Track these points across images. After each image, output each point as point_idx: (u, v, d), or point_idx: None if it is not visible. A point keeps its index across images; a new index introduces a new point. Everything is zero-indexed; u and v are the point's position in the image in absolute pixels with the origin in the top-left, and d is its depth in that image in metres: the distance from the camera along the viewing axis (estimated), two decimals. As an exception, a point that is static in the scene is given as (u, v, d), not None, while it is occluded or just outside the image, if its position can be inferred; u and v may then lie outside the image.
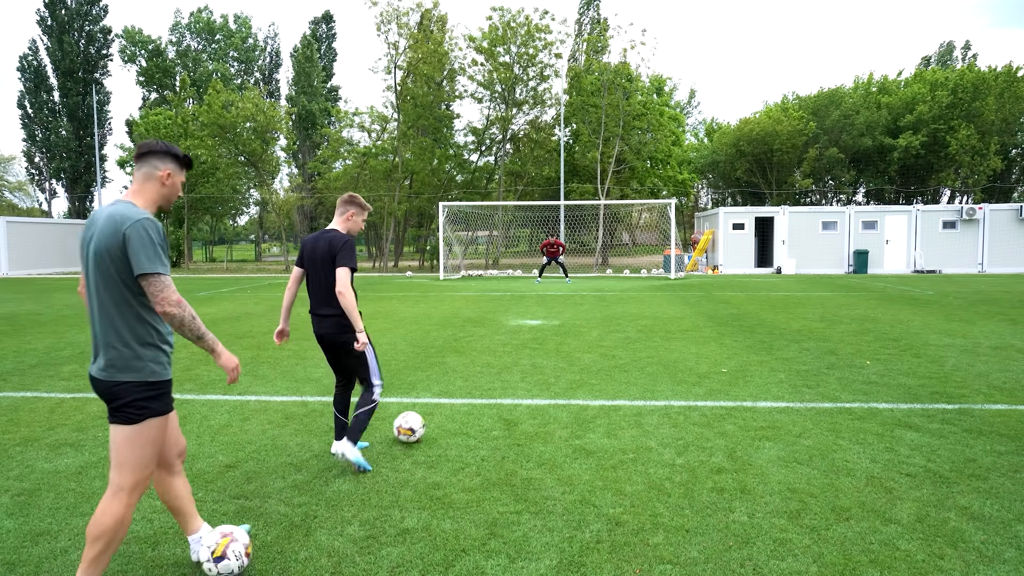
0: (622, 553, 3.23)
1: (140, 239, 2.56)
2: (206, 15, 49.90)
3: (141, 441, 2.68)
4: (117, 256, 2.58)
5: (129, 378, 2.65)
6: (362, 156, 34.49)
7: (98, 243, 2.60)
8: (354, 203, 4.49)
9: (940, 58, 52.74)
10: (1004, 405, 5.82)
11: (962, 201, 40.23)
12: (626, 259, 36.05)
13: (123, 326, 2.64)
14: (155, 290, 2.58)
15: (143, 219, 2.59)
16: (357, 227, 4.51)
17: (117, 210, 2.61)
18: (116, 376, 2.65)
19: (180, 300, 2.64)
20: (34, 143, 46.66)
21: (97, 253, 2.61)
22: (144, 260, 2.56)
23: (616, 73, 30.58)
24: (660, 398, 6.17)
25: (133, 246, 2.55)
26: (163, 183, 2.76)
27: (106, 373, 2.66)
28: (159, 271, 2.59)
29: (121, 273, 2.60)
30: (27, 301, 16.74)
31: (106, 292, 2.63)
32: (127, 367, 2.64)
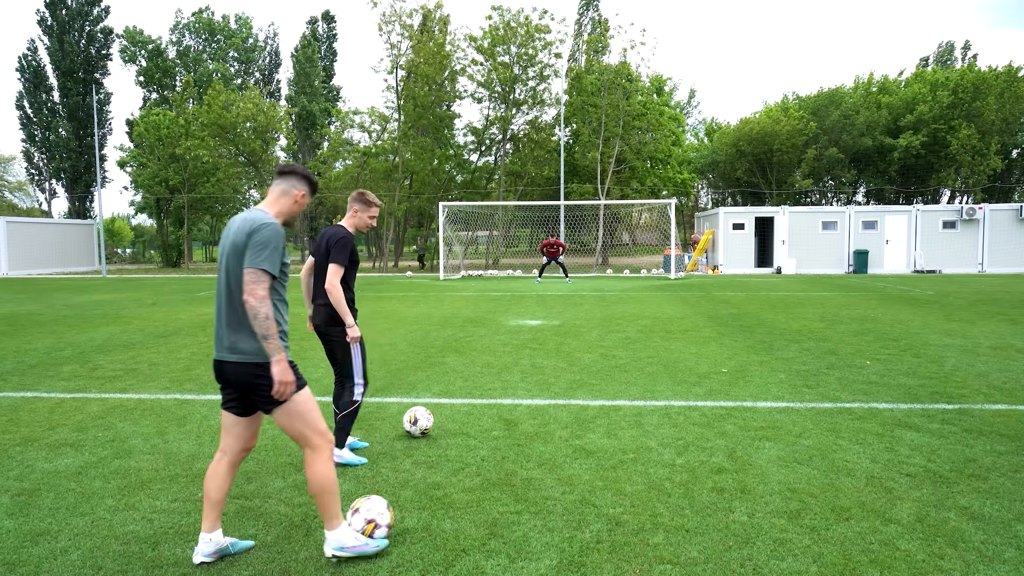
0: (622, 553, 3.23)
1: (261, 239, 2.91)
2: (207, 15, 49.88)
3: (298, 411, 3.02)
4: (241, 253, 2.93)
5: (254, 359, 2.95)
6: (362, 156, 34.49)
7: (234, 241, 2.97)
8: (359, 200, 4.53)
9: (939, 58, 52.73)
10: (1004, 405, 5.82)
11: (962, 201, 40.23)
12: (626, 259, 36.05)
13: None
14: (250, 279, 2.87)
15: (270, 223, 2.97)
16: (364, 224, 4.54)
17: (252, 215, 3.01)
18: (247, 359, 2.96)
19: (265, 298, 2.89)
20: (33, 143, 46.66)
21: (234, 249, 2.96)
22: (254, 255, 2.89)
23: (616, 73, 30.58)
24: (660, 398, 6.17)
25: (253, 243, 2.91)
26: (295, 201, 3.16)
27: (238, 356, 2.97)
28: (264, 267, 2.89)
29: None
30: (27, 301, 16.74)
31: (237, 283, 2.96)
32: (257, 351, 2.95)
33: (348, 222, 4.52)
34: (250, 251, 2.90)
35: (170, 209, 38.57)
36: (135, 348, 9.23)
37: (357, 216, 4.52)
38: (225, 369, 3.03)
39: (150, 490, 4.05)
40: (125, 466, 4.46)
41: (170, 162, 35.66)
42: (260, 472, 4.34)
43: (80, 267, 34.92)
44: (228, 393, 3.14)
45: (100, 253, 33.11)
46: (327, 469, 3.08)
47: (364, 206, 4.52)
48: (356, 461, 4.46)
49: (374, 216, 4.58)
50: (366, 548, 3.16)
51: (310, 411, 3.07)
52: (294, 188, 3.15)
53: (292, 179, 3.16)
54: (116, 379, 7.20)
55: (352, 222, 4.52)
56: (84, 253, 35.51)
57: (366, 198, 4.52)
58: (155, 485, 4.13)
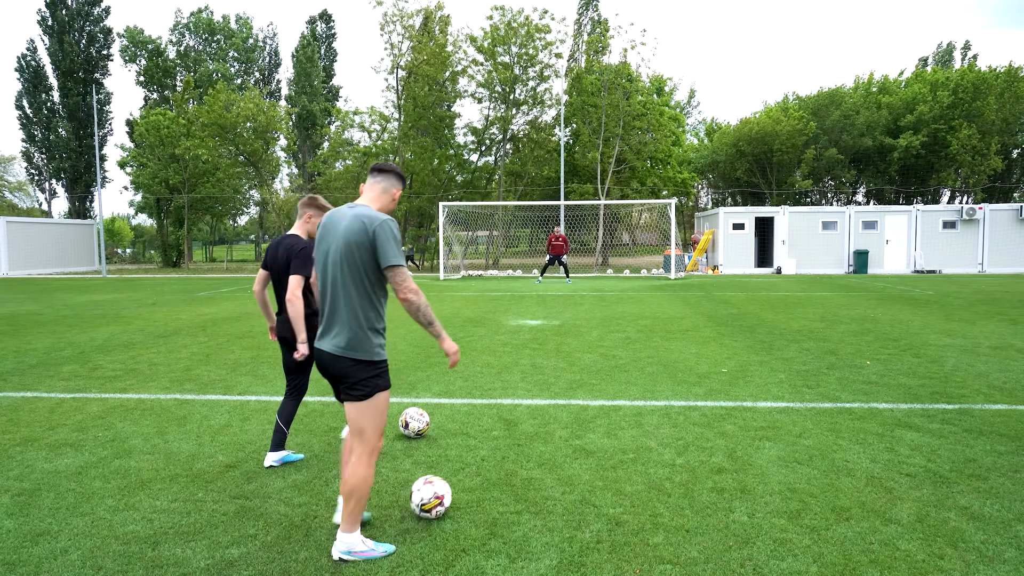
0: (622, 553, 3.23)
1: (387, 236, 3.05)
2: (206, 15, 49.89)
3: (372, 412, 3.16)
4: (365, 249, 3.05)
5: (360, 356, 3.10)
6: (362, 156, 34.49)
7: (347, 238, 3.07)
8: (312, 205, 4.40)
9: (939, 58, 52.73)
10: (1004, 405, 5.82)
11: (962, 201, 40.22)
12: (626, 259, 36.05)
13: (360, 311, 3.10)
14: (399, 279, 3.05)
15: (388, 220, 3.10)
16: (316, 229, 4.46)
17: (363, 212, 3.11)
18: (349, 354, 3.10)
19: (418, 289, 3.08)
20: (33, 143, 46.65)
21: (347, 245, 3.07)
22: (390, 254, 3.04)
23: (616, 73, 30.57)
24: (660, 398, 6.17)
25: (381, 242, 3.03)
26: (393, 199, 3.29)
27: (341, 350, 3.11)
28: (402, 263, 3.07)
29: (366, 265, 3.07)
30: (27, 301, 16.74)
31: (351, 279, 3.09)
32: (359, 347, 3.10)
33: (301, 228, 4.39)
34: (383, 251, 3.04)
35: (170, 209, 38.57)
36: (135, 348, 9.23)
37: (311, 222, 4.39)
38: (323, 359, 3.18)
39: (150, 490, 4.05)
40: (125, 466, 4.46)
41: (170, 162, 35.67)
42: (260, 472, 4.34)
43: (80, 267, 34.93)
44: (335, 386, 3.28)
45: (100, 253, 33.11)
46: (368, 475, 3.18)
47: (317, 211, 4.37)
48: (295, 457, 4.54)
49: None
50: (372, 553, 3.20)
51: (381, 413, 3.21)
52: (393, 187, 3.28)
53: (392, 178, 3.27)
54: (116, 379, 7.20)
55: (305, 228, 4.39)
56: (84, 253, 35.50)
57: (319, 203, 4.37)
58: (155, 485, 4.13)
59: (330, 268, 3.14)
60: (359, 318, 3.10)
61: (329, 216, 3.20)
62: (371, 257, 3.06)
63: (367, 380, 3.12)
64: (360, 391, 3.12)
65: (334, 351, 3.12)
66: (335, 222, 3.16)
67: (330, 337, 3.15)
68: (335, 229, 3.14)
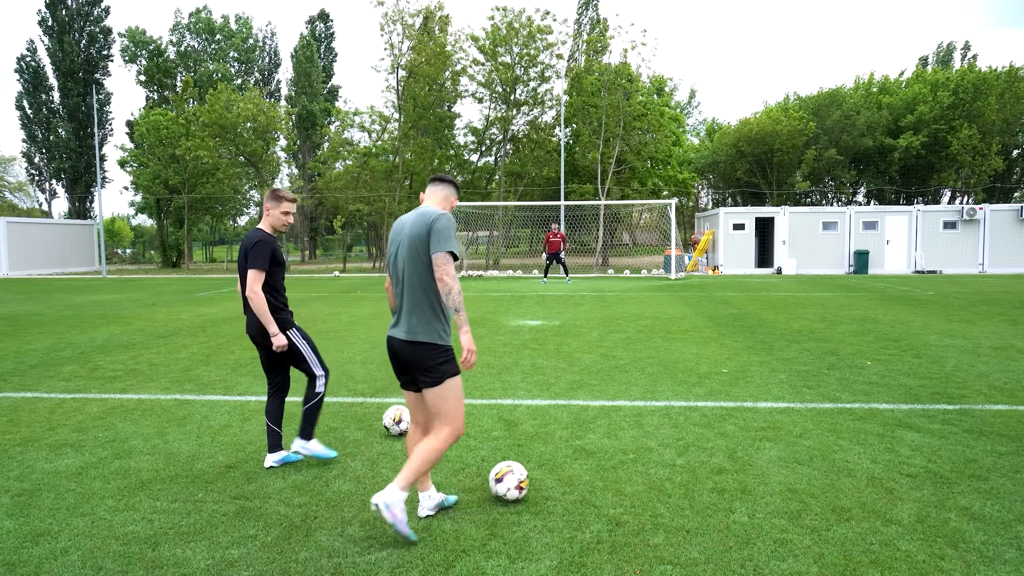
0: (622, 554, 3.22)
1: (441, 227, 3.33)
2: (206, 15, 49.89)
3: (446, 395, 3.38)
4: (424, 241, 3.33)
5: (426, 339, 3.34)
6: (363, 156, 34.50)
7: (411, 233, 3.38)
8: (269, 197, 4.32)
9: (940, 58, 52.73)
10: (1005, 406, 5.81)
11: (963, 201, 40.22)
12: (626, 259, 36.05)
13: (424, 297, 3.36)
14: (441, 262, 3.29)
15: (444, 214, 3.41)
16: (280, 222, 4.33)
17: (425, 210, 3.43)
18: (416, 336, 3.36)
19: (455, 275, 3.30)
20: (34, 143, 46.67)
21: (411, 240, 3.37)
22: (438, 241, 3.30)
23: (616, 73, 30.58)
24: (660, 399, 6.17)
25: (435, 230, 3.32)
26: (452, 205, 3.62)
27: (409, 335, 3.37)
28: (450, 250, 3.31)
29: (426, 255, 3.34)
30: (27, 301, 16.75)
31: (415, 270, 3.37)
32: (425, 330, 3.36)
33: (265, 223, 4.34)
34: (434, 238, 3.31)
35: (170, 209, 38.57)
36: (135, 348, 9.23)
37: (271, 214, 4.31)
38: (396, 347, 3.43)
39: (150, 490, 4.05)
40: (125, 466, 4.46)
41: (170, 162, 35.67)
42: (260, 472, 4.34)
43: (80, 267, 34.93)
44: (403, 374, 3.53)
45: (100, 253, 33.12)
46: (442, 449, 3.39)
47: (276, 202, 4.29)
48: (326, 454, 4.45)
49: (288, 212, 4.33)
50: (402, 526, 3.30)
51: (457, 397, 3.44)
52: (452, 195, 3.64)
53: (451, 187, 3.64)
54: (116, 379, 7.20)
55: (268, 222, 4.33)
56: (84, 253, 35.51)
57: (277, 194, 4.31)
58: (155, 486, 4.12)
59: (399, 263, 3.44)
60: (423, 304, 3.37)
61: (399, 220, 3.54)
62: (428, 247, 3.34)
63: (437, 366, 3.35)
64: (431, 376, 3.36)
65: (405, 337, 3.39)
66: (403, 224, 3.49)
67: (401, 326, 3.43)
68: (403, 229, 3.46)
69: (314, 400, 4.42)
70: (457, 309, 3.28)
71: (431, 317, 3.37)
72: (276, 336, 4.17)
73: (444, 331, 3.41)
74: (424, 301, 3.37)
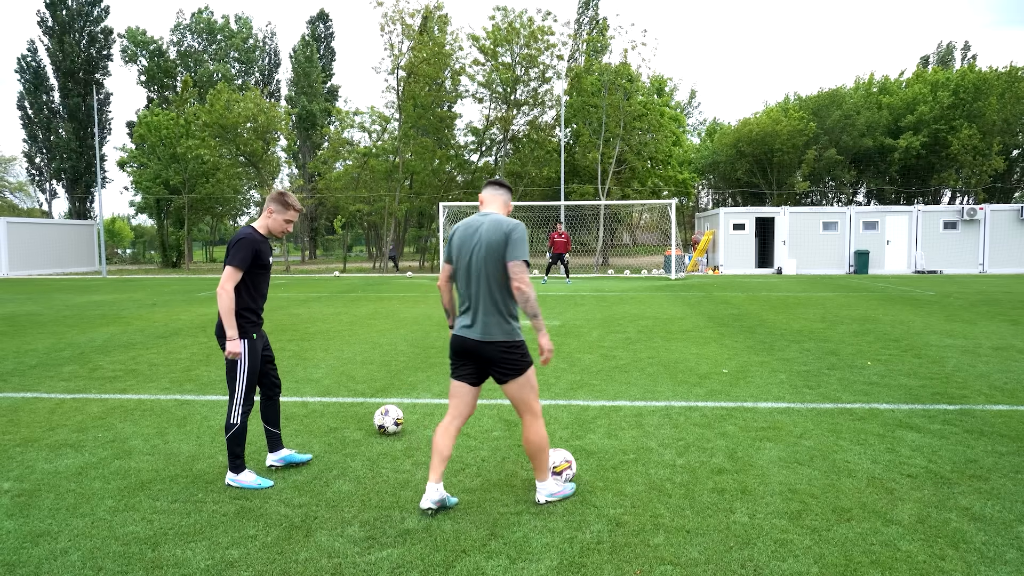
0: (623, 554, 3.22)
1: (519, 237, 3.60)
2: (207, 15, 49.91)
3: (528, 382, 3.69)
4: (501, 247, 3.57)
5: (504, 338, 3.62)
6: (363, 156, 34.49)
7: (488, 240, 3.60)
8: (278, 200, 4.19)
9: (940, 58, 52.72)
10: (1005, 406, 5.81)
11: (963, 201, 40.21)
12: (627, 259, 36.04)
13: (501, 300, 3.62)
14: (518, 271, 3.54)
15: (519, 224, 3.66)
16: (279, 227, 4.21)
17: (497, 219, 3.68)
18: (495, 337, 3.61)
19: (531, 283, 3.51)
20: (35, 144, 46.68)
21: (488, 246, 3.60)
22: (516, 251, 3.56)
23: (617, 74, 30.57)
24: (661, 399, 6.16)
25: (513, 240, 3.57)
26: (509, 209, 3.92)
27: (486, 336, 3.61)
28: (525, 259, 3.58)
29: (501, 261, 3.58)
30: (27, 301, 16.75)
31: (492, 275, 3.60)
32: (503, 330, 3.62)
33: (261, 223, 4.20)
34: (511, 248, 3.56)
35: (170, 210, 38.57)
36: (135, 349, 9.23)
37: (272, 217, 4.18)
38: (471, 346, 3.65)
39: (150, 491, 4.04)
40: (125, 467, 4.46)
41: (171, 162, 35.67)
42: (260, 473, 4.33)
43: (80, 267, 34.93)
44: (466, 367, 3.73)
45: (100, 253, 33.12)
46: (543, 432, 3.73)
47: (282, 208, 4.18)
48: (256, 484, 4.07)
49: (291, 221, 4.23)
50: (566, 492, 3.84)
51: (534, 386, 3.74)
52: (510, 200, 3.92)
53: (509, 192, 3.95)
54: (116, 380, 7.20)
55: (266, 223, 4.19)
56: (84, 253, 35.51)
57: (286, 200, 4.19)
58: (155, 486, 4.12)
59: (474, 266, 3.64)
60: (500, 307, 3.62)
61: (465, 224, 3.73)
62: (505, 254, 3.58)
63: (516, 360, 3.65)
64: (513, 369, 3.64)
65: (483, 339, 3.62)
66: (473, 228, 3.69)
67: (476, 327, 3.64)
68: (475, 234, 3.67)
69: (230, 432, 4.06)
70: (535, 315, 3.56)
71: (507, 317, 3.64)
72: (232, 341, 3.97)
73: (517, 328, 3.70)
74: (499, 303, 3.62)
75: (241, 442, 4.09)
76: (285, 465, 4.41)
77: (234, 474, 4.09)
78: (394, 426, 5.11)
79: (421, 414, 5.69)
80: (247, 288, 4.09)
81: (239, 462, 4.09)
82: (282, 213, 4.20)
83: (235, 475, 4.09)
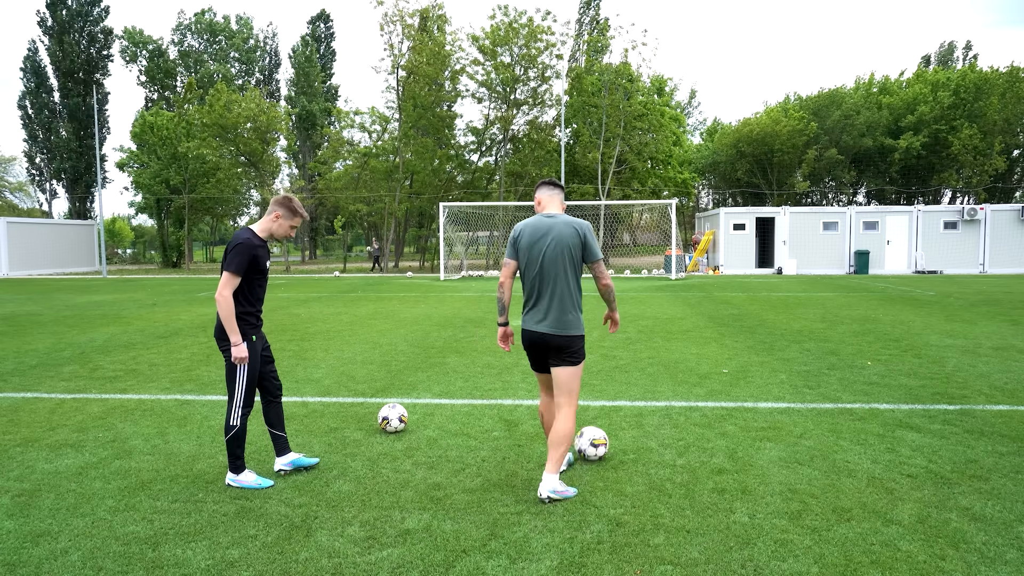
0: (623, 554, 3.22)
1: (594, 237, 3.96)
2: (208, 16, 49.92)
3: (579, 374, 3.98)
4: (577, 248, 3.89)
5: (575, 332, 3.92)
6: (363, 156, 34.50)
7: (561, 239, 3.88)
8: (284, 205, 4.16)
9: (941, 57, 52.72)
10: (1005, 406, 5.81)
11: (963, 201, 40.20)
12: (627, 259, 36.04)
13: (572, 295, 3.93)
14: (601, 270, 3.92)
15: (590, 225, 3.97)
16: (283, 232, 4.18)
17: (568, 219, 3.95)
18: (568, 331, 3.90)
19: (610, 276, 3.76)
20: (35, 143, 46.70)
21: (561, 245, 3.88)
22: (594, 251, 3.92)
23: (617, 73, 30.58)
24: (661, 399, 6.16)
25: (589, 243, 3.92)
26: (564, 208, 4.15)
27: (559, 330, 3.90)
28: (602, 257, 3.96)
29: (576, 259, 3.91)
30: (27, 301, 16.75)
31: (565, 272, 3.89)
32: (573, 325, 3.92)
33: (263, 226, 4.16)
34: (590, 248, 3.90)
35: (170, 210, 38.58)
36: (135, 349, 9.23)
37: (278, 222, 4.14)
38: (543, 338, 3.92)
39: (150, 491, 4.04)
40: (125, 467, 4.46)
41: (171, 162, 35.68)
42: (260, 472, 4.33)
43: (80, 267, 34.94)
44: (541, 358, 4.02)
45: (100, 253, 33.12)
46: (573, 426, 3.93)
47: (289, 214, 4.16)
48: (257, 484, 4.08)
49: (295, 227, 4.22)
50: (568, 493, 3.90)
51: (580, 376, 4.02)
52: (565, 199, 4.25)
53: (562, 193, 4.17)
54: (116, 380, 7.20)
55: (269, 227, 4.15)
56: (84, 253, 35.51)
57: (293, 206, 4.16)
58: (155, 486, 4.12)
59: (547, 264, 3.89)
60: (572, 301, 3.92)
61: (533, 225, 3.95)
62: (580, 253, 3.90)
63: (579, 349, 3.94)
64: (575, 358, 3.93)
65: (554, 331, 3.89)
66: (543, 228, 3.92)
67: (549, 320, 3.91)
68: (547, 234, 3.90)
69: (229, 433, 4.07)
70: (613, 300, 4.07)
71: (577, 310, 3.94)
72: (237, 346, 3.96)
73: (582, 321, 3.99)
74: (571, 298, 3.91)
75: (241, 443, 4.09)
76: (294, 469, 4.36)
77: (234, 474, 4.09)
78: (398, 422, 5.12)
79: (421, 414, 5.69)
80: (243, 293, 4.06)
81: (239, 463, 4.10)
82: (288, 219, 4.17)
83: (235, 475, 4.09)
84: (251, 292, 4.10)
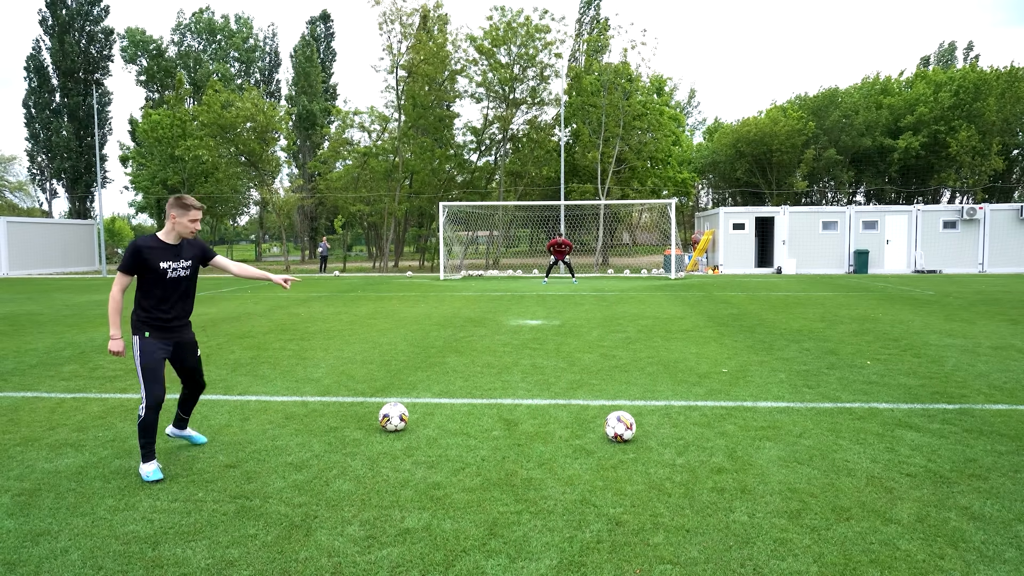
0: (622, 553, 3.23)
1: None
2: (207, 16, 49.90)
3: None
4: None
5: None
6: (362, 156, 34.48)
7: None
8: (176, 205, 4.23)
9: (940, 58, 52.73)
10: (1004, 405, 5.81)
11: (962, 201, 40.21)
12: (626, 259, 36.04)
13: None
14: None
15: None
16: (188, 230, 4.26)
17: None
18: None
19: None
20: (36, 143, 46.70)
21: None
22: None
23: (616, 73, 30.57)
24: (660, 398, 6.17)
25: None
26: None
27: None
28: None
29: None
30: (27, 301, 16.75)
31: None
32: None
33: (166, 230, 4.27)
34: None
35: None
36: (135, 348, 9.22)
37: (176, 221, 4.23)
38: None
39: (150, 490, 4.05)
40: (125, 466, 4.46)
41: (169, 162, 35.66)
42: (260, 472, 4.34)
43: (80, 267, 34.93)
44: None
45: (100, 253, 33.11)
46: None
47: (183, 210, 4.22)
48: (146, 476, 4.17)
49: (196, 219, 4.26)
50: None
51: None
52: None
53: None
54: (116, 379, 7.20)
55: (171, 230, 4.26)
56: (84, 253, 35.50)
57: (184, 201, 4.22)
58: (155, 485, 4.13)
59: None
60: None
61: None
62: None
63: None
64: None
65: None
66: None
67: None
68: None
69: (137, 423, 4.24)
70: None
71: None
72: (112, 340, 4.33)
73: None
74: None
75: (148, 435, 4.22)
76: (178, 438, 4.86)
77: (143, 463, 4.27)
78: (399, 420, 5.14)
79: (421, 414, 5.70)
80: (141, 292, 4.32)
81: (145, 452, 4.25)
82: (184, 215, 4.26)
83: (143, 464, 4.27)
84: (147, 291, 4.29)
